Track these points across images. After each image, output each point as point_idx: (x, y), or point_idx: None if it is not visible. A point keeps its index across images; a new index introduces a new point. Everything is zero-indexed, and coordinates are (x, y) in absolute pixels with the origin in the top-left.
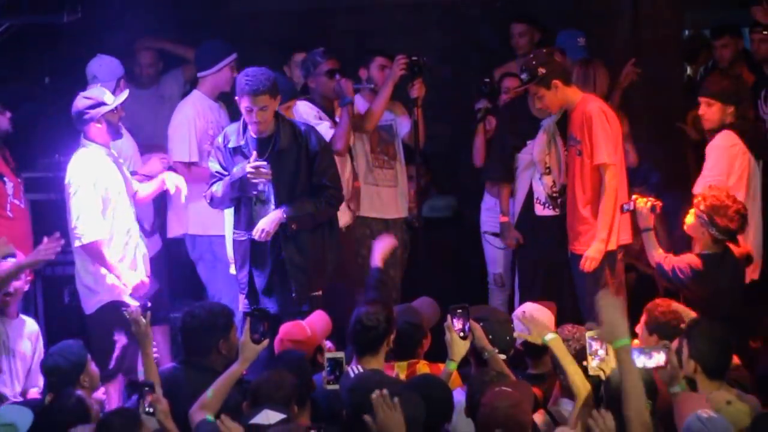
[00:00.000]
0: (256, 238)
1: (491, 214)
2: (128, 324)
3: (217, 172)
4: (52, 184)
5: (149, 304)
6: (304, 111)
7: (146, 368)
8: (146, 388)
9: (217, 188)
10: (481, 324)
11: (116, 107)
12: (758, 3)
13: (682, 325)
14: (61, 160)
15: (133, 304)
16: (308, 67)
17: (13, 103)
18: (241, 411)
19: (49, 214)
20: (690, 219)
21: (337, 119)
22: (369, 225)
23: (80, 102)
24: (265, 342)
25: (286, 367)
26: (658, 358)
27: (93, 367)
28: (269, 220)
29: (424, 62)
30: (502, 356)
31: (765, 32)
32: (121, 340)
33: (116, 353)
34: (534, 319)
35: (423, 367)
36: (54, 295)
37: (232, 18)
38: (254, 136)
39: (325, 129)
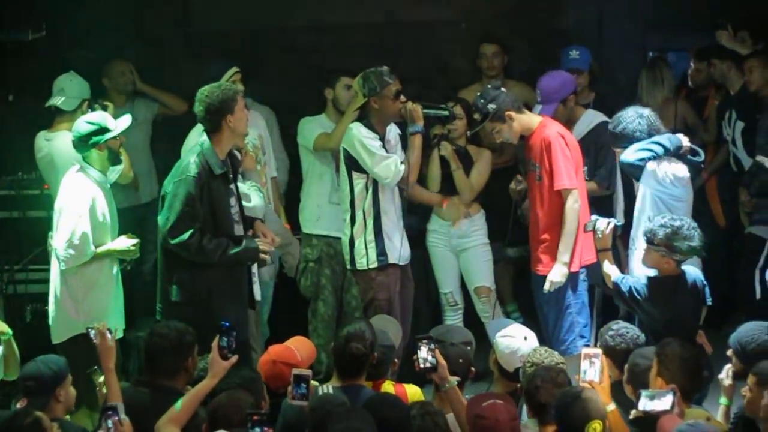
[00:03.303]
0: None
1: (437, 235)
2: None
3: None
4: (15, 203)
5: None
6: (366, 135)
7: (108, 383)
8: (108, 411)
9: (217, 248)
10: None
11: (118, 135)
12: (723, 28)
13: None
14: (23, 178)
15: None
16: (373, 87)
17: None
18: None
19: (11, 232)
20: (647, 256)
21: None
22: (332, 244)
23: (83, 126)
24: (234, 358)
25: (240, 385)
26: (664, 403)
27: (71, 388)
28: None
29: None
30: (456, 379)
31: (716, 61)
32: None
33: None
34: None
35: (388, 387)
36: (16, 313)
37: (195, 35)
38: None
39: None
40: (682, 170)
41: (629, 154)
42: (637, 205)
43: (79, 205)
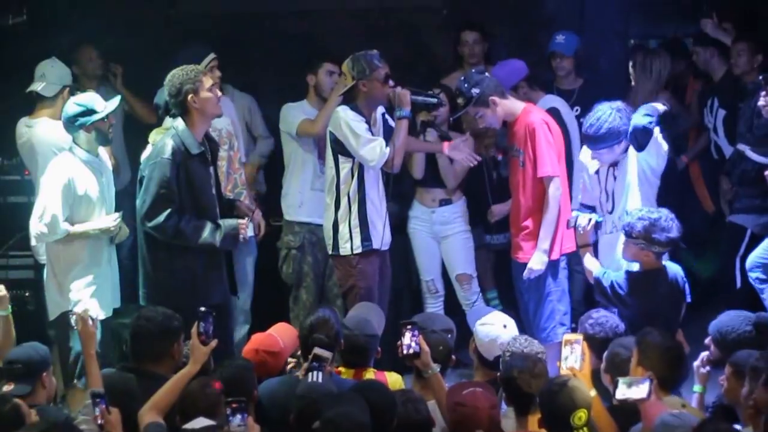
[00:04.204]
0: None
1: (418, 222)
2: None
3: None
4: None
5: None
6: (353, 118)
7: (89, 369)
8: (97, 399)
9: (195, 231)
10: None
11: (107, 115)
12: (708, 16)
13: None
14: (4, 163)
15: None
16: (362, 69)
17: None
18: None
19: None
20: (626, 249)
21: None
22: (314, 231)
23: (71, 108)
24: (213, 343)
25: (233, 375)
26: (641, 390)
27: (53, 378)
28: None
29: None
30: (437, 366)
31: (699, 48)
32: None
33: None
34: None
35: (369, 375)
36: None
37: (181, 19)
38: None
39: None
40: (665, 143)
41: (639, 119)
42: (629, 178)
43: (53, 184)
